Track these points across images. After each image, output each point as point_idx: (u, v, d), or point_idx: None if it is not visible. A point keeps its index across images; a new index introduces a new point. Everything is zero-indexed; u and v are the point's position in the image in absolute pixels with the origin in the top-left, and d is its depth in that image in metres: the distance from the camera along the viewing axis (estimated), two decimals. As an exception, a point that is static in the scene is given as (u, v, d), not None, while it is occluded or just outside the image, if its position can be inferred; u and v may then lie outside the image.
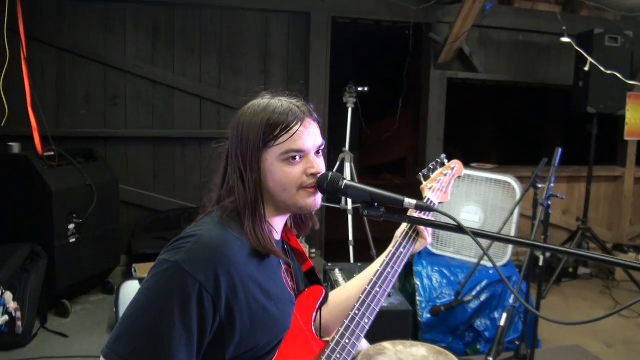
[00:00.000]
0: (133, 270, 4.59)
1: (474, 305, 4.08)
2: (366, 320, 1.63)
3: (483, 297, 4.09)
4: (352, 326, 1.61)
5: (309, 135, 1.59)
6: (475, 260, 4.16)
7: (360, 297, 1.66)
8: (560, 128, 8.86)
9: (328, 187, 1.61)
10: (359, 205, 1.63)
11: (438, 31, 6.07)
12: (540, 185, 3.58)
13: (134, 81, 5.55)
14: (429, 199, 1.96)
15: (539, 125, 9.27)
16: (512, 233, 4.27)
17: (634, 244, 6.22)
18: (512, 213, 3.93)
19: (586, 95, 5.59)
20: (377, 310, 1.67)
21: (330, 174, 1.62)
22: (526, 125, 9.26)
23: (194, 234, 1.48)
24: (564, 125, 8.67)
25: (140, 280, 4.18)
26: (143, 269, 4.55)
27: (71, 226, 4.43)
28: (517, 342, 3.74)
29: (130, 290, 4.14)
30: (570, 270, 5.95)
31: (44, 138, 4.49)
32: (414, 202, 1.57)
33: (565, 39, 5.26)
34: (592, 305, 5.24)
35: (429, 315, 3.98)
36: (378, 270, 1.73)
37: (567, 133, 8.23)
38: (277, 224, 1.67)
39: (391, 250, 1.78)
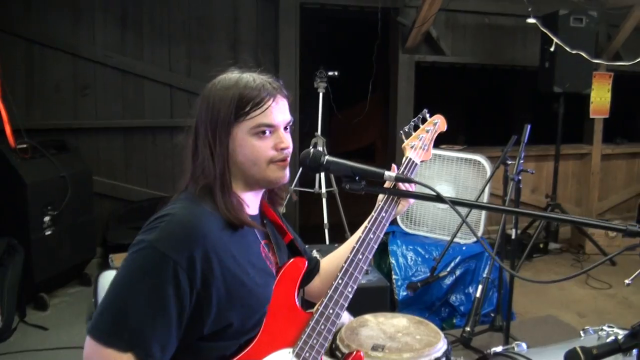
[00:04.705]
0: (110, 260, 4.58)
1: (449, 281, 4.16)
2: (349, 289, 1.64)
3: (457, 273, 4.18)
4: (336, 296, 1.62)
5: (280, 111, 1.61)
6: (448, 238, 4.24)
7: (342, 266, 1.67)
8: (527, 109, 8.99)
9: (310, 163, 1.65)
10: (332, 188, 1.65)
11: (405, 15, 6.11)
12: (510, 162, 3.67)
13: (103, 71, 5.51)
14: (410, 159, 1.91)
15: (506, 107, 9.39)
16: (483, 211, 4.36)
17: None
18: (482, 190, 4.00)
19: (552, 75, 5.69)
20: (360, 277, 1.68)
21: (312, 150, 1.66)
22: (494, 107, 9.38)
23: (168, 213, 1.51)
24: (531, 106, 8.80)
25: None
26: (120, 259, 4.51)
27: (46, 218, 4.41)
28: (492, 315, 3.84)
29: (108, 280, 4.09)
30: (541, 245, 6.10)
31: (15, 131, 4.45)
32: (393, 174, 1.63)
33: (531, 20, 5.34)
34: (563, 279, 5.35)
35: (405, 293, 4.05)
36: (360, 237, 1.72)
37: (535, 113, 8.35)
38: (249, 199, 1.67)
39: (373, 216, 1.77)
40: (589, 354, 1.57)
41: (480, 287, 3.49)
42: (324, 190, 5.09)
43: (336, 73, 5.23)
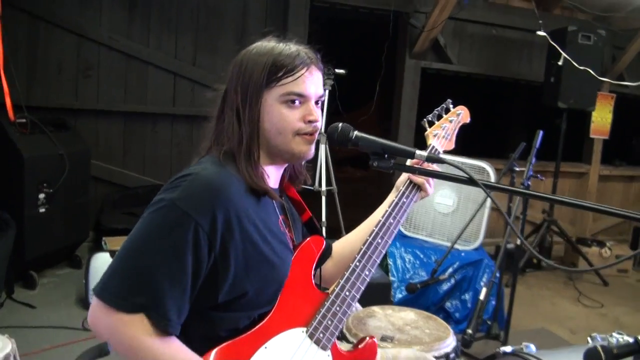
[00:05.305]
0: (103, 242, 4.50)
1: (446, 286, 4.13)
2: (367, 272, 1.61)
3: (456, 278, 4.15)
4: (352, 278, 1.59)
5: (312, 82, 1.58)
6: (447, 243, 4.22)
7: (361, 248, 1.64)
8: (525, 124, 9.01)
9: (338, 137, 1.61)
10: (332, 187, 1.61)
11: (416, 20, 6.11)
12: (517, 169, 3.65)
13: (108, 54, 5.43)
14: (433, 147, 1.90)
15: (505, 121, 9.37)
16: (484, 219, 4.33)
17: (596, 239, 6.35)
18: (485, 199, 3.98)
19: (557, 90, 5.67)
20: (378, 261, 1.65)
21: (341, 124, 1.62)
22: (493, 120, 9.37)
23: (191, 172, 1.46)
24: (531, 122, 8.81)
25: (112, 252, 4.11)
26: (113, 242, 4.46)
27: (41, 195, 4.33)
28: (488, 322, 3.80)
29: (100, 262, 4.07)
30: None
31: (15, 106, 4.37)
32: (424, 154, 1.59)
33: (540, 33, 5.34)
34: (555, 295, 5.34)
35: (401, 295, 4.01)
36: (380, 220, 1.70)
37: (533, 129, 8.37)
38: (270, 172, 1.62)
39: (393, 200, 1.75)
40: (610, 353, 1.54)
41: (484, 289, 3.45)
42: (324, 187, 5.02)
43: (343, 71, 5.17)
